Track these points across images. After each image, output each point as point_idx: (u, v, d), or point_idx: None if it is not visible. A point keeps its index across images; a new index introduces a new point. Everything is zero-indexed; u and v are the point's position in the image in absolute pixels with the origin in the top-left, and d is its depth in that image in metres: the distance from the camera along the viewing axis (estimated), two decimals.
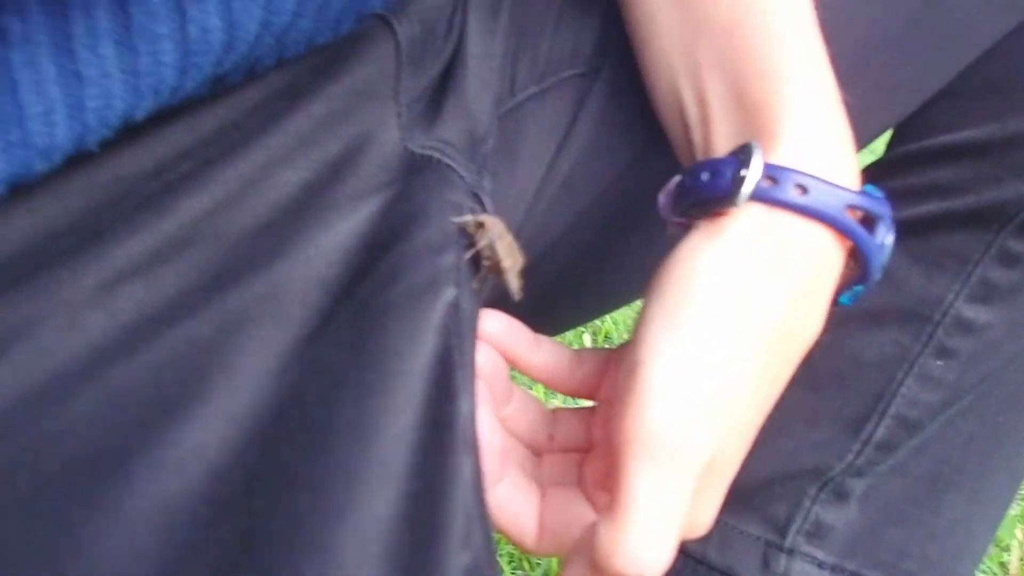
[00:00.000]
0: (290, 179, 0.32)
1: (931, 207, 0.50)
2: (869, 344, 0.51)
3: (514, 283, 0.38)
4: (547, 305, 0.56)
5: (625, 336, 1.12)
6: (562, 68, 0.47)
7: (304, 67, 0.34)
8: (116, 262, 0.27)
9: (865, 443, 0.51)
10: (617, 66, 0.47)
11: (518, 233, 0.50)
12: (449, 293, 0.34)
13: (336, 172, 0.34)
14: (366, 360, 0.29)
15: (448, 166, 0.38)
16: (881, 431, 0.51)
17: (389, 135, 0.37)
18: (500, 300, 0.41)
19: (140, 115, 0.28)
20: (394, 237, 0.34)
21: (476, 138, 0.41)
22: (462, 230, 0.36)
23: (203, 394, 0.27)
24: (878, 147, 0.58)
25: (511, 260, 0.38)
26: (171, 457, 0.25)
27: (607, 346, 1.06)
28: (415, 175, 0.37)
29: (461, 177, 0.39)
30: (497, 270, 0.37)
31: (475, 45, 0.43)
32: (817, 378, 0.52)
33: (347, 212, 0.33)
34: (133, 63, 0.26)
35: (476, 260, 0.37)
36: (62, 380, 0.25)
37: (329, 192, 0.33)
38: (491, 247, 0.36)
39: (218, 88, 0.32)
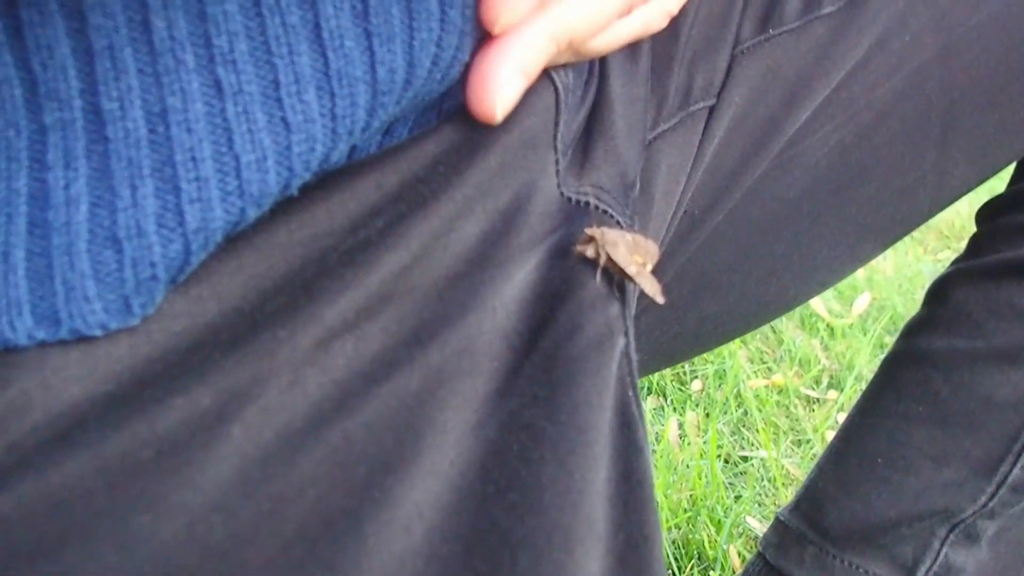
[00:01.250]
0: (471, 231, 0.32)
1: None
2: (1003, 384, 0.50)
3: (648, 286, 0.36)
4: (668, 339, 0.56)
5: None
6: (694, 102, 0.47)
7: (475, 118, 0.34)
8: (328, 320, 0.27)
9: (1000, 484, 0.50)
10: (740, 88, 0.47)
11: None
12: (621, 343, 0.34)
13: (509, 222, 0.34)
14: (560, 415, 0.29)
15: (605, 211, 0.38)
16: (1017, 472, 0.50)
17: (549, 182, 0.37)
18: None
19: (335, 157, 0.28)
20: (566, 286, 0.34)
21: (628, 183, 0.41)
22: (580, 256, 0.35)
23: (417, 451, 0.27)
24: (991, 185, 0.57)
25: (636, 264, 0.36)
26: (398, 516, 0.25)
27: None
28: (574, 222, 0.37)
29: (618, 223, 0.39)
30: (627, 277, 0.36)
31: (618, 88, 0.43)
32: (945, 418, 0.52)
33: (521, 262, 0.34)
34: (332, 107, 0.27)
35: (609, 275, 0.36)
36: (290, 440, 0.25)
37: (505, 242, 0.33)
38: (608, 258, 0.34)
39: (385, 142, 0.32)
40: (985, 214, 0.56)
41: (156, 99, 0.24)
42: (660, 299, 0.37)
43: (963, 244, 1.49)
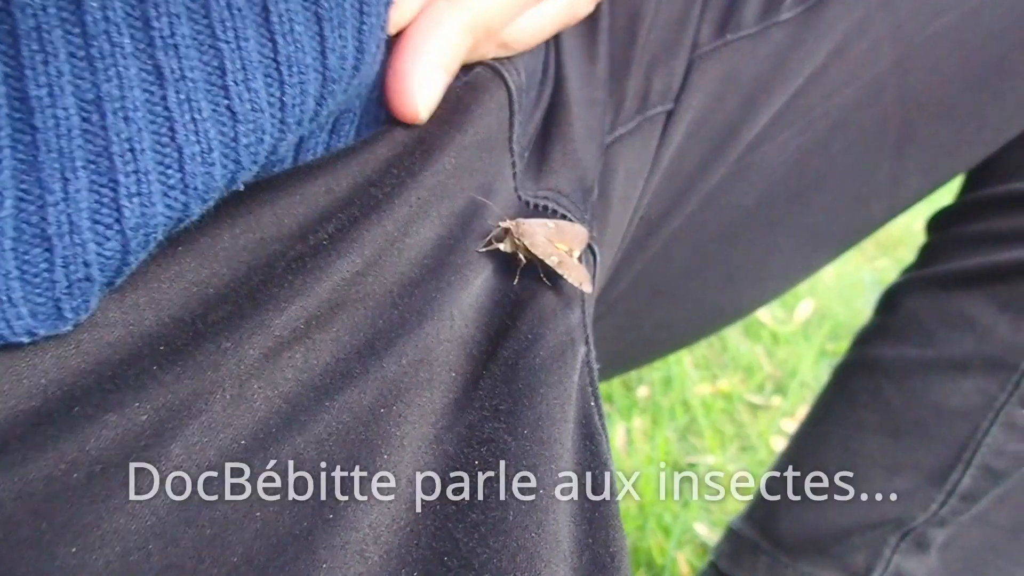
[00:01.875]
0: (427, 235, 0.31)
1: (1018, 253, 0.49)
2: (953, 393, 0.50)
3: (572, 275, 0.33)
4: (623, 347, 0.55)
5: None
6: (651, 106, 0.46)
7: (428, 119, 0.32)
8: (276, 330, 0.26)
9: (950, 493, 0.50)
10: (698, 92, 0.46)
11: (607, 279, 0.49)
12: (582, 351, 0.33)
13: (465, 226, 0.32)
14: (522, 428, 0.28)
15: (564, 216, 0.37)
16: (966, 481, 0.50)
17: (506, 185, 0.36)
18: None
19: (283, 150, 0.26)
20: (526, 293, 0.33)
21: (586, 187, 0.40)
22: (490, 245, 0.33)
23: (373, 469, 0.25)
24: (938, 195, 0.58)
25: (560, 252, 0.34)
26: (353, 540, 0.23)
27: None
28: None
29: None
30: (549, 269, 0.33)
31: (575, 90, 0.42)
32: (897, 426, 0.52)
33: (479, 267, 0.32)
34: (280, 95, 0.25)
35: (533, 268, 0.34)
36: (235, 458, 0.24)
37: (462, 247, 0.32)
38: (524, 249, 0.32)
39: (332, 142, 0.31)
40: (936, 223, 0.57)
41: (90, 85, 0.22)
42: (587, 288, 0.35)
43: (901, 252, 1.51)
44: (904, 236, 1.51)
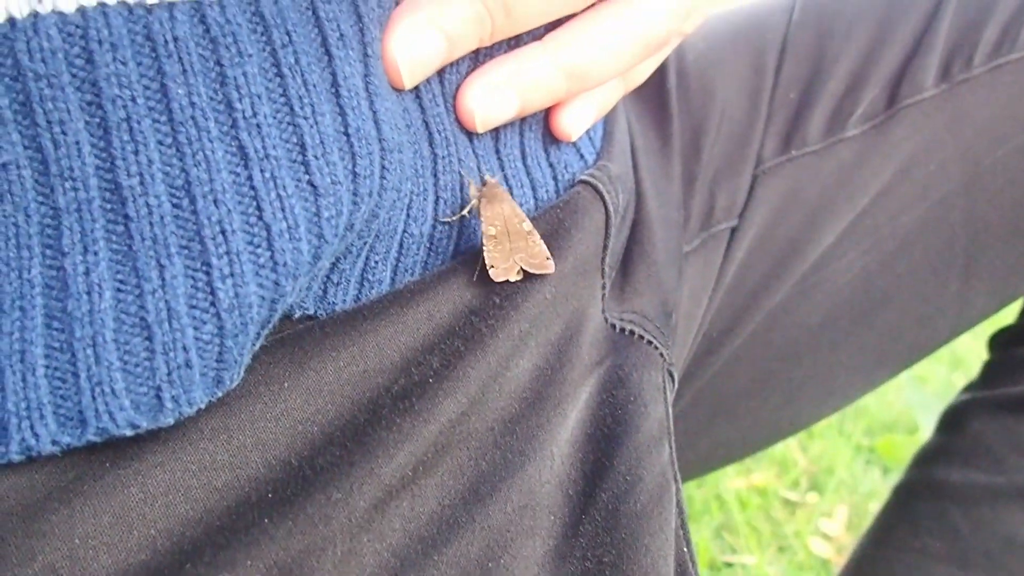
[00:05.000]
0: (525, 367, 0.30)
1: None
2: None
3: (495, 260, 0.30)
4: (690, 457, 0.54)
5: None
6: (716, 223, 0.46)
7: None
8: (386, 478, 0.25)
9: None
10: (762, 208, 0.46)
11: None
12: (675, 491, 0.32)
13: (562, 355, 0.32)
14: None
15: (649, 342, 0.37)
16: None
17: (596, 308, 0.35)
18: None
19: (357, 225, 0.26)
20: (620, 428, 0.32)
21: (667, 311, 0.39)
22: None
23: None
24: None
25: (499, 235, 0.30)
26: None
27: None
28: (620, 352, 0.35)
29: (661, 356, 0.37)
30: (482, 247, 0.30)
31: (654, 209, 0.42)
32: (965, 556, 0.50)
33: (575, 399, 0.31)
34: (352, 167, 0.25)
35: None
36: None
37: (559, 378, 0.31)
38: (476, 208, 0.30)
39: (430, 260, 0.30)
40: (1000, 341, 0.56)
41: (179, 171, 0.23)
42: (496, 277, 0.30)
43: None
44: None
